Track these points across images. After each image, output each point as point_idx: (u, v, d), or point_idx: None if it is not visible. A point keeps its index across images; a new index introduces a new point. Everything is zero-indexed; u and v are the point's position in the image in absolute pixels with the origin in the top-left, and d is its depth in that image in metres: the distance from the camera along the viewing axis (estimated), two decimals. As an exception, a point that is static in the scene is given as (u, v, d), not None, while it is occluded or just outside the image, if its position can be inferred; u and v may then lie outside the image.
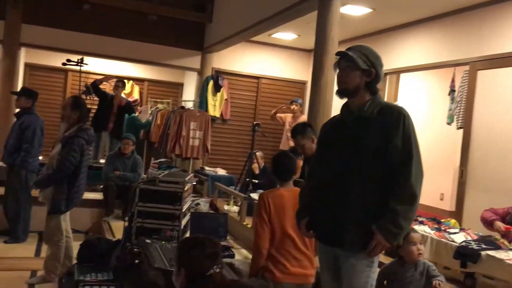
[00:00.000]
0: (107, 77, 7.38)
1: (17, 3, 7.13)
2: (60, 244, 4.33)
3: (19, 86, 7.39)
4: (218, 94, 8.44)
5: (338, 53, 2.47)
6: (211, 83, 8.32)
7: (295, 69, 8.99)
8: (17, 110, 5.78)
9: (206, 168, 7.89)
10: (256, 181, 6.73)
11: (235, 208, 6.25)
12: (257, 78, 8.89)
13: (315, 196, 2.50)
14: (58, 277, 4.32)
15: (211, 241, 2.07)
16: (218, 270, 2.01)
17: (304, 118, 7.92)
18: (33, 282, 4.37)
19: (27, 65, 8.37)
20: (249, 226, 5.39)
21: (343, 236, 2.33)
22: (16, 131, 5.62)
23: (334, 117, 2.63)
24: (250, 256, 4.86)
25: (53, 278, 4.36)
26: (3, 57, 7.23)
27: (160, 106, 8.81)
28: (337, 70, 2.47)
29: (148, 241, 3.54)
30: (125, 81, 8.10)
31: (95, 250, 4.49)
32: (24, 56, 7.86)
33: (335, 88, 2.51)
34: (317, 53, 4.69)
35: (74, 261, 4.49)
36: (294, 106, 7.97)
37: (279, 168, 3.26)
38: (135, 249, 3.52)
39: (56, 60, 7.61)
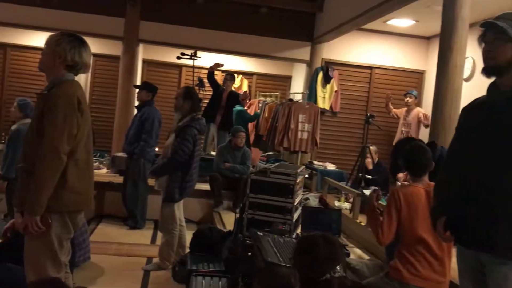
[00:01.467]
0: (218, 65, 7.46)
1: (135, 1, 7.48)
2: (174, 232, 4.39)
3: (138, 81, 7.76)
4: (328, 86, 8.15)
5: (483, 24, 2.11)
6: (320, 74, 8.06)
7: (412, 58, 8.39)
8: (138, 102, 6.05)
9: (315, 162, 7.66)
10: (370, 177, 6.36)
11: (347, 205, 5.96)
12: (370, 68, 8.45)
13: (453, 190, 2.14)
14: (172, 265, 4.39)
15: (328, 241, 1.85)
16: (337, 275, 1.79)
17: (419, 111, 7.36)
18: (148, 269, 4.49)
19: (144, 61, 8.79)
20: (362, 224, 5.07)
21: (492, 238, 1.95)
22: (136, 122, 5.90)
23: (477, 99, 2.25)
24: (365, 256, 4.56)
25: (167, 266, 4.44)
26: (123, 54, 7.63)
27: (268, 99, 8.75)
28: (483, 45, 2.11)
29: (260, 233, 3.41)
30: (235, 75, 8.15)
31: (207, 240, 4.50)
32: (142, 53, 8.25)
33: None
34: (444, 35, 4.23)
35: (187, 250, 4.55)
36: (408, 98, 7.41)
37: (413, 162, 2.94)
38: (247, 241, 3.41)
39: (171, 56, 7.88)
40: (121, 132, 7.18)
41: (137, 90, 6.13)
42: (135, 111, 6.21)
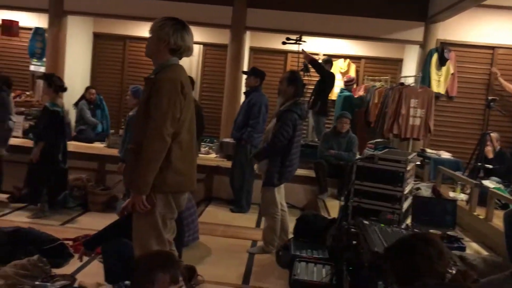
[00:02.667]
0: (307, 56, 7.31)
1: (243, -11, 7.56)
2: (275, 217, 4.38)
3: (245, 69, 7.88)
4: (443, 69, 7.57)
5: None
6: (435, 56, 7.50)
7: (542, 35, 7.47)
8: (245, 89, 6.14)
9: (428, 150, 7.19)
10: (490, 166, 5.81)
11: (463, 196, 5.52)
12: (492, 48, 7.68)
13: None
14: (276, 249, 4.40)
15: (429, 243, 1.68)
16: (453, 271, 1.61)
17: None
18: (253, 252, 4.54)
19: (251, 49, 8.88)
20: (481, 217, 4.66)
21: None
22: (244, 108, 5.99)
23: None
24: (483, 251, 4.18)
25: (271, 250, 4.46)
26: (231, 42, 7.78)
27: (377, 84, 8.38)
28: None
29: (366, 222, 3.26)
30: (332, 59, 7.91)
31: (311, 226, 4.44)
32: (248, 40, 8.34)
33: None
34: None
35: (290, 235, 4.52)
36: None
37: None
38: (352, 229, 3.28)
39: (277, 42, 7.86)
40: (229, 118, 7.35)
41: (244, 76, 6.22)
42: (243, 97, 6.30)
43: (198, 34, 8.97)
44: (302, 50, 7.15)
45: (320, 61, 7.53)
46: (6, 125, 5.73)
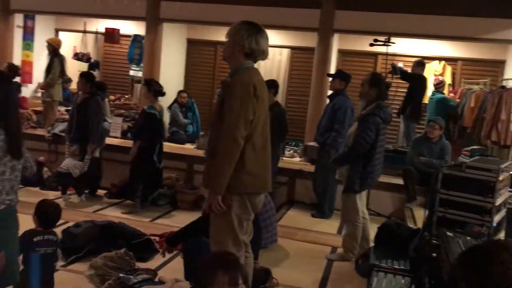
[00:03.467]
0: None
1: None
2: (356, 224, 4.27)
3: (332, 71, 7.78)
4: (552, 70, 6.90)
5: None
6: (542, 56, 6.87)
7: None
8: (330, 92, 6.06)
9: (531, 158, 6.58)
10: None
11: None
12: None
13: None
14: (355, 257, 4.29)
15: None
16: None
17: None
18: (332, 258, 4.47)
19: (339, 51, 8.74)
20: None
21: None
22: (328, 112, 5.91)
23: None
24: None
25: (350, 257, 4.36)
26: (318, 45, 7.71)
27: (475, 87, 7.84)
28: None
29: (449, 234, 3.06)
30: (424, 61, 7.52)
31: (394, 235, 4.27)
32: (337, 43, 8.23)
33: None
34: None
35: (372, 244, 4.38)
36: None
37: None
38: (434, 241, 3.10)
39: (366, 44, 7.67)
40: (314, 122, 7.29)
41: (330, 79, 6.13)
42: (327, 101, 6.23)
43: (286, 38, 9.04)
44: (392, 65, 6.96)
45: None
46: (102, 126, 6.19)
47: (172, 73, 9.03)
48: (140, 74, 8.89)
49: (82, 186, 6.06)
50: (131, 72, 9.33)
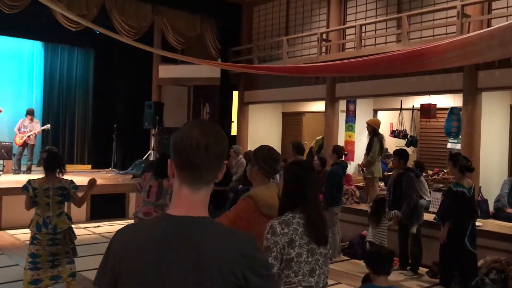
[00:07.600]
0: None
1: None
2: None
3: None
4: None
5: None
6: None
7: None
8: None
9: None
10: None
11: None
12: None
13: None
14: None
15: None
16: None
17: None
18: None
19: None
20: None
21: None
22: None
23: None
24: None
25: None
26: None
27: None
28: None
29: None
30: None
31: None
32: None
33: None
34: None
35: None
36: None
37: None
38: None
39: None
40: None
41: None
42: None
43: None
44: None
45: None
46: (417, 203, 6.25)
47: (493, 143, 8.37)
48: (458, 146, 8.58)
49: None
50: (449, 145, 9.11)
